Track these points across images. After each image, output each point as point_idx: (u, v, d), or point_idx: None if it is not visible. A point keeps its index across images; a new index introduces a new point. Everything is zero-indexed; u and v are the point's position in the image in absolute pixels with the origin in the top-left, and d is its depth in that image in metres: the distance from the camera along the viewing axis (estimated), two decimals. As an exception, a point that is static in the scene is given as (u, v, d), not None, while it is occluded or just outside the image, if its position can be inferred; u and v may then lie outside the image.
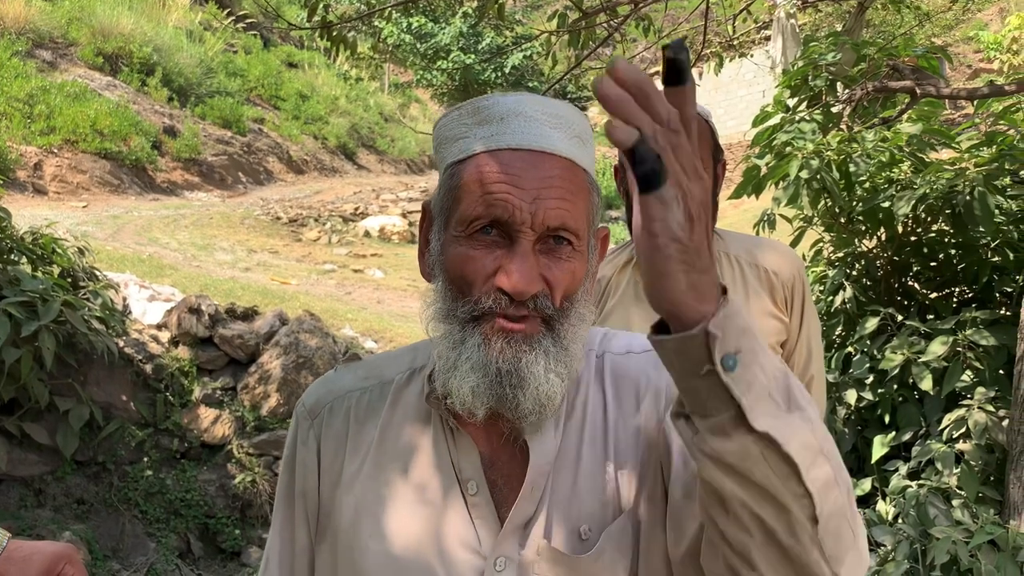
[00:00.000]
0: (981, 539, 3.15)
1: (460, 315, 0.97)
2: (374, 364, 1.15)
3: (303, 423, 1.12)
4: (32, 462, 4.51)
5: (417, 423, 1.06)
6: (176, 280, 7.08)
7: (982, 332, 3.81)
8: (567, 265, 0.97)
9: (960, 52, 20.14)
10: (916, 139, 4.08)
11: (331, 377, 1.16)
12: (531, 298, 0.95)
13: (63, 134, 11.34)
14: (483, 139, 0.98)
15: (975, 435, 3.60)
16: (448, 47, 23.73)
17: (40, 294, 4.27)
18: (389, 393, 1.10)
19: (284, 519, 1.12)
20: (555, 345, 0.97)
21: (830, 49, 4.74)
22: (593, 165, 1.04)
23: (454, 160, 1.00)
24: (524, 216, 0.94)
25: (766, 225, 4.62)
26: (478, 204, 0.95)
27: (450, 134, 1.02)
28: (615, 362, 1.09)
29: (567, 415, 1.05)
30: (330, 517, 1.07)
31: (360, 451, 1.07)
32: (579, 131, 1.01)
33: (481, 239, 0.96)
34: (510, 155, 0.96)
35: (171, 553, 4.68)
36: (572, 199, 0.97)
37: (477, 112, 1.00)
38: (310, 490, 1.09)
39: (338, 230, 12.24)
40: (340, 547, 1.05)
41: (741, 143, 19.95)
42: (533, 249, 0.95)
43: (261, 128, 16.21)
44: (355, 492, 1.05)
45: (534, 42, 15.67)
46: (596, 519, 1.00)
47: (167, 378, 5.21)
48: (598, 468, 1.03)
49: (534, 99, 1.01)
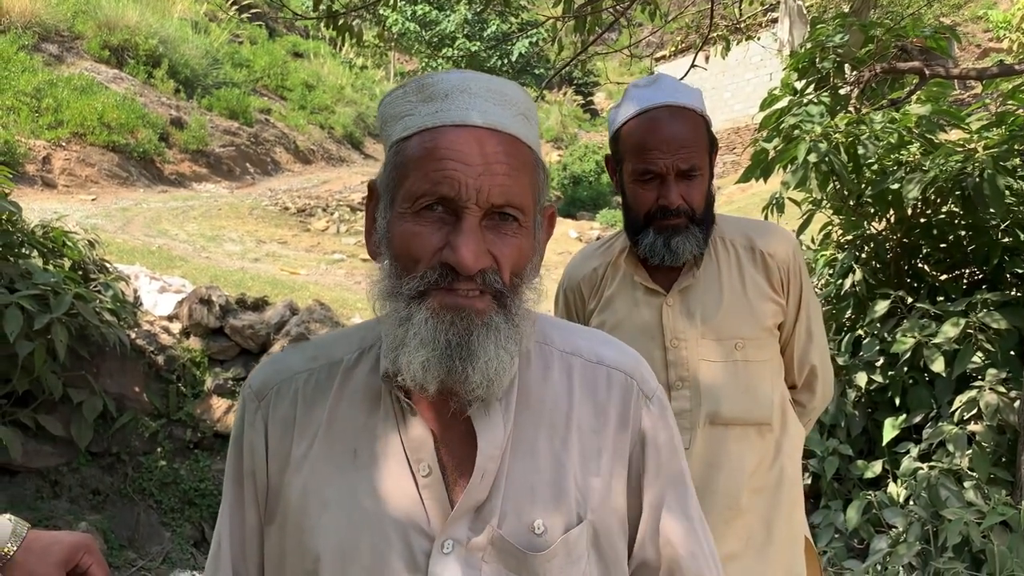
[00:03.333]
0: (993, 520, 3.16)
1: (406, 291, 0.97)
2: (323, 344, 1.14)
3: (250, 405, 1.10)
4: (47, 454, 4.55)
5: (366, 403, 1.05)
6: (186, 271, 7.10)
7: (993, 314, 3.80)
8: (514, 241, 0.98)
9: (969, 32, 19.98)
10: (925, 120, 4.05)
11: (278, 358, 1.14)
12: (479, 274, 0.95)
13: (71, 127, 11.36)
14: (428, 116, 0.98)
15: (986, 416, 3.59)
16: (453, 35, 23.66)
17: (52, 287, 4.29)
18: (338, 374, 1.08)
19: (234, 500, 1.10)
20: (506, 322, 0.98)
21: (837, 31, 4.71)
22: (538, 143, 1.05)
23: (399, 137, 1.00)
24: (470, 192, 0.94)
25: (775, 209, 4.61)
26: (424, 181, 0.95)
27: (395, 112, 1.02)
28: (585, 368, 1.09)
29: (522, 403, 1.05)
30: (279, 499, 1.05)
31: (308, 433, 1.06)
32: (523, 109, 1.02)
33: (427, 216, 0.96)
34: (455, 132, 0.96)
35: (186, 542, 4.72)
36: (517, 176, 0.97)
37: (422, 89, 1.00)
38: (259, 471, 1.07)
39: (346, 219, 12.25)
40: (289, 528, 1.04)
41: (749, 126, 19.85)
42: (479, 225, 0.95)
43: (268, 119, 16.21)
44: (303, 474, 1.03)
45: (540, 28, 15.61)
46: (551, 516, 1.00)
47: (179, 369, 5.24)
48: (557, 465, 1.03)
49: (479, 76, 1.01)
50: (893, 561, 3.34)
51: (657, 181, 1.78)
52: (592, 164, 20.15)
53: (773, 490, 1.85)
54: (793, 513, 1.89)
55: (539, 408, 1.05)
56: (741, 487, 1.81)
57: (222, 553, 1.10)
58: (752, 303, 1.85)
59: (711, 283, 1.86)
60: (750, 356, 1.83)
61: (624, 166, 1.84)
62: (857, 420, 4.23)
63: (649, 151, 1.76)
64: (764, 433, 1.84)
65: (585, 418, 1.06)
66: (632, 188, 1.82)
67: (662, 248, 1.79)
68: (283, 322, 5.64)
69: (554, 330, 1.13)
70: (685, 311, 1.85)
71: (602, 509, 1.04)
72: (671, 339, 1.84)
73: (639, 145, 1.78)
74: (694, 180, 1.78)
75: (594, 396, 1.08)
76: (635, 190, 1.81)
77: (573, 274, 2.04)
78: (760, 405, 1.83)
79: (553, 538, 0.99)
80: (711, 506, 1.80)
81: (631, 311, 1.89)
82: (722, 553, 1.81)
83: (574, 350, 1.11)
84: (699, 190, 1.80)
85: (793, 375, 1.98)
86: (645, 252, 1.82)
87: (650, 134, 1.77)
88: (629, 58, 20.61)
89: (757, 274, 1.87)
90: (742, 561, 1.81)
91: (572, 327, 1.16)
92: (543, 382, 1.07)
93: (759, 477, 1.83)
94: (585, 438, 1.05)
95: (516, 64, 23.82)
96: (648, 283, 1.88)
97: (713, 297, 1.85)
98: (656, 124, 1.77)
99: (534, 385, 1.07)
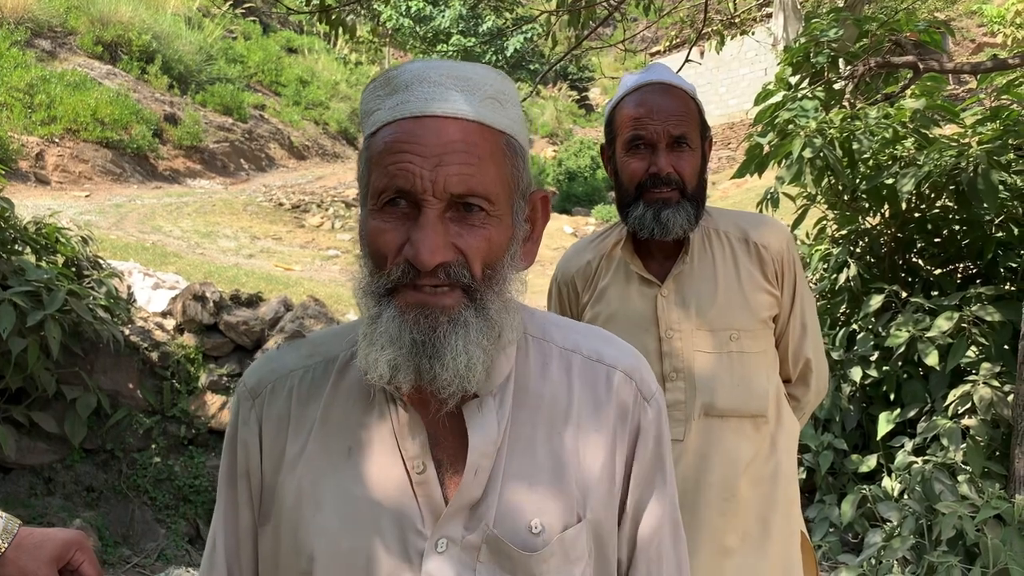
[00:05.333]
0: (987, 514, 3.16)
1: (376, 289, 0.96)
2: (318, 341, 1.13)
3: (244, 403, 1.09)
4: (41, 451, 4.53)
5: (361, 400, 1.04)
6: (180, 268, 7.08)
7: (987, 308, 3.80)
8: (481, 232, 0.95)
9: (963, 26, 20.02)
10: (919, 115, 4.06)
11: (273, 355, 1.13)
12: (442, 268, 0.93)
13: (64, 123, 11.33)
14: (390, 109, 0.97)
15: (980, 410, 3.60)
16: (448, 30, 23.62)
17: (45, 283, 4.27)
18: (333, 371, 1.07)
19: (228, 501, 1.09)
20: (478, 316, 0.95)
21: (832, 25, 4.71)
22: (517, 126, 1.01)
23: (368, 133, 0.99)
24: (425, 184, 0.92)
25: (769, 204, 4.61)
26: (383, 176, 0.94)
27: (367, 108, 1.01)
28: (585, 366, 1.08)
29: (519, 399, 1.04)
30: (273, 498, 1.04)
31: (303, 431, 1.05)
32: (494, 92, 0.99)
33: (391, 211, 0.95)
34: (412, 123, 0.94)
35: (181, 539, 4.71)
36: (479, 163, 0.94)
37: (388, 83, 0.99)
38: (253, 471, 1.07)
39: (341, 215, 12.23)
40: (283, 527, 1.02)
41: (743, 121, 19.86)
42: (442, 217, 0.93)
43: (262, 114, 16.19)
44: (298, 472, 1.02)
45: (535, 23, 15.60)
46: (548, 516, 0.99)
47: (173, 365, 5.23)
48: (556, 462, 1.02)
49: (441, 64, 0.99)
50: (887, 555, 3.34)
51: (648, 150, 1.79)
52: (587, 160, 20.13)
53: (769, 484, 1.85)
54: (790, 508, 1.89)
55: (537, 405, 1.04)
56: (736, 479, 1.81)
57: (216, 554, 1.09)
58: (747, 294, 1.85)
59: (706, 274, 1.86)
60: (745, 348, 1.83)
61: (616, 142, 1.85)
62: (852, 414, 4.24)
63: (640, 119, 1.79)
64: (760, 426, 1.84)
65: (584, 415, 1.05)
66: (623, 161, 1.83)
67: (651, 221, 1.79)
68: (278, 318, 5.63)
69: (554, 327, 1.11)
70: (680, 302, 1.85)
71: (600, 508, 1.03)
72: (665, 330, 1.84)
73: (630, 116, 1.81)
74: (685, 152, 1.80)
75: (594, 394, 1.06)
76: (626, 161, 1.83)
77: (566, 268, 2.04)
78: (755, 397, 1.83)
79: (550, 537, 0.98)
80: (707, 498, 1.80)
81: (625, 302, 1.89)
82: (719, 548, 1.81)
83: (573, 347, 1.09)
84: (690, 163, 1.81)
85: (788, 368, 1.97)
86: (634, 225, 1.82)
87: (641, 105, 1.80)
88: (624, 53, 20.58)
89: (751, 265, 1.87)
90: (739, 557, 1.81)
91: (572, 324, 1.15)
92: (541, 378, 1.06)
93: (755, 470, 1.83)
94: (585, 436, 1.04)
95: (511, 60, 23.79)
96: (643, 272, 1.88)
97: (708, 288, 1.85)
98: (647, 96, 1.81)
99: (532, 381, 1.05)
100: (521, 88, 18.93)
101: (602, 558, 1.05)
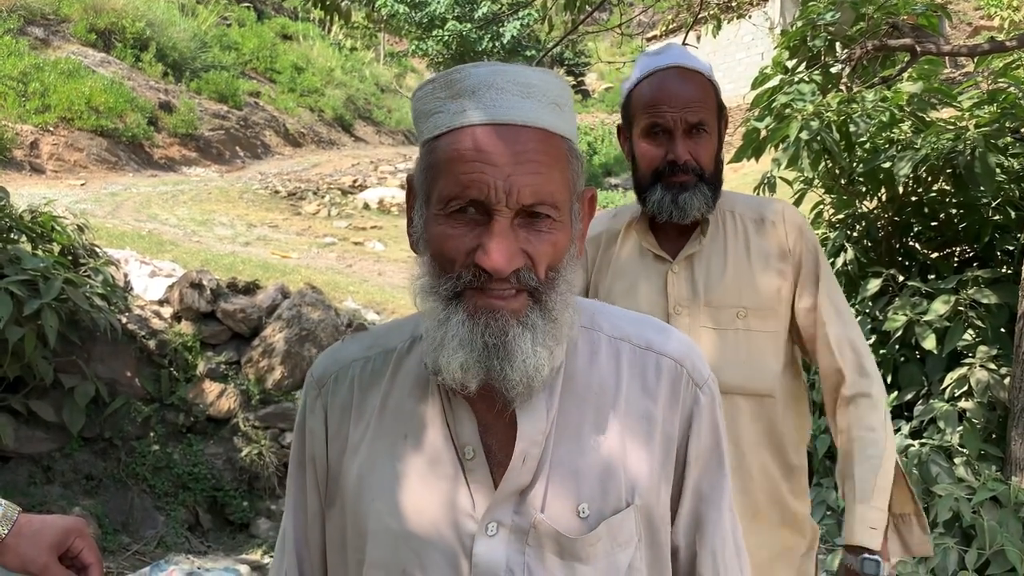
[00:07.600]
0: (983, 496, 3.18)
1: (443, 292, 0.98)
2: (378, 333, 1.17)
3: (311, 392, 1.14)
4: (39, 439, 4.54)
5: (417, 390, 1.08)
6: (176, 256, 7.07)
7: (984, 291, 3.81)
8: (548, 237, 0.97)
9: (960, 9, 19.94)
10: (917, 98, 4.05)
11: (338, 347, 1.18)
12: (513, 273, 0.95)
13: (58, 112, 11.28)
14: (455, 114, 0.97)
15: (977, 393, 3.61)
16: (443, 16, 23.51)
17: (41, 272, 4.27)
18: (391, 361, 1.11)
19: (297, 486, 1.15)
20: (543, 318, 0.98)
21: (828, 8, 4.69)
22: (573, 130, 1.04)
23: (429, 136, 1.00)
24: (499, 195, 0.94)
25: (767, 188, 4.60)
26: (454, 184, 0.95)
27: (425, 108, 1.02)
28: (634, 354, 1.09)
29: (567, 388, 1.05)
30: (338, 483, 1.09)
31: (364, 418, 1.09)
32: (555, 97, 1.00)
33: (460, 218, 0.96)
34: (482, 131, 0.96)
35: (180, 526, 4.73)
36: (547, 171, 0.96)
37: (449, 85, 0.99)
38: (319, 457, 1.12)
39: (337, 203, 12.21)
40: (348, 511, 1.07)
41: (740, 106, 19.82)
42: (512, 224, 0.95)
43: (257, 102, 16.13)
44: (359, 457, 1.07)
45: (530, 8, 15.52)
46: (596, 500, 1.01)
47: (171, 353, 5.23)
48: (604, 449, 1.04)
49: (506, 69, 1.00)
50: (884, 537, 3.36)
51: (665, 137, 1.79)
52: (584, 145, 20.09)
53: (774, 463, 1.85)
54: (794, 488, 1.89)
55: (585, 393, 1.06)
56: (742, 457, 1.81)
57: (287, 540, 1.15)
58: (756, 274, 1.84)
59: (717, 253, 1.86)
60: (752, 326, 1.83)
61: (634, 127, 1.85)
62: (849, 398, 4.24)
63: (657, 105, 1.78)
64: (766, 404, 1.84)
65: (633, 403, 1.06)
66: (641, 146, 1.83)
67: (670, 204, 1.79)
68: (275, 306, 5.63)
69: (602, 316, 1.13)
70: (689, 279, 1.85)
71: (650, 495, 1.05)
72: (674, 306, 1.85)
73: (648, 102, 1.80)
74: (702, 138, 1.79)
75: (643, 381, 1.08)
76: (644, 147, 1.82)
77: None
78: (761, 374, 1.82)
79: (597, 522, 1.01)
80: None
81: (639, 279, 1.90)
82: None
83: (623, 335, 1.10)
84: (707, 148, 1.80)
85: (836, 359, 1.84)
86: (652, 209, 1.82)
87: (659, 91, 1.79)
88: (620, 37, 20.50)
89: (763, 241, 1.87)
90: (745, 534, 1.81)
91: (621, 313, 1.16)
92: (590, 367, 1.07)
93: (761, 448, 1.83)
94: (633, 423, 1.05)
95: (507, 46, 23.70)
96: (656, 250, 1.89)
97: (717, 266, 1.85)
98: (665, 82, 1.79)
99: (580, 370, 1.07)
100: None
101: (654, 544, 1.06)
